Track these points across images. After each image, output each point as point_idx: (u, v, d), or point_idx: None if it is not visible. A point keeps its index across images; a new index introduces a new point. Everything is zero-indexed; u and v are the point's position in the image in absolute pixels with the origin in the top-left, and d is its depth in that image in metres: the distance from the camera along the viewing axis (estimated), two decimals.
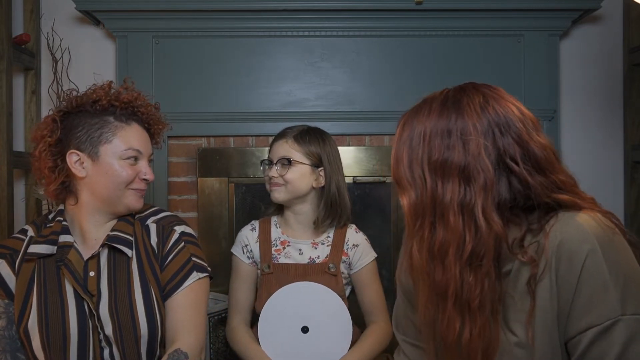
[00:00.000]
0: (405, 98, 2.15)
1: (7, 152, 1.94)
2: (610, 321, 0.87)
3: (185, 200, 2.18)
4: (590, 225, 0.90)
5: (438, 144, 0.95)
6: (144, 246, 1.31)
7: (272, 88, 2.17)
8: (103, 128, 1.27)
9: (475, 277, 0.91)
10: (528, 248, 0.93)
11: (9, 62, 1.96)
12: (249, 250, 1.59)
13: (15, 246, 1.31)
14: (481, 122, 0.93)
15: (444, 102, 0.98)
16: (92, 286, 1.25)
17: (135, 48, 2.13)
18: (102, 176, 1.27)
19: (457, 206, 0.92)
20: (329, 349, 1.46)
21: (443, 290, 0.93)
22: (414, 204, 0.96)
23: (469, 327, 0.92)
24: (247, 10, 2.10)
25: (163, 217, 1.37)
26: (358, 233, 1.62)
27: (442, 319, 0.94)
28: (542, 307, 0.92)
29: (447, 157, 0.93)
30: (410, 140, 0.98)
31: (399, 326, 1.17)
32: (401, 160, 0.99)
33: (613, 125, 2.26)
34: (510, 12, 2.12)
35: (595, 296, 0.88)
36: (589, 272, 0.88)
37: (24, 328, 1.23)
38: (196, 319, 1.29)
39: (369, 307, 1.57)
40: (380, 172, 2.17)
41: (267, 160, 1.61)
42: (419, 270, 0.95)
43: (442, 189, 0.93)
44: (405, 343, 1.15)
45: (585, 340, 0.89)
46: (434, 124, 0.96)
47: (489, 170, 0.91)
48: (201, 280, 1.31)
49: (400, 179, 0.99)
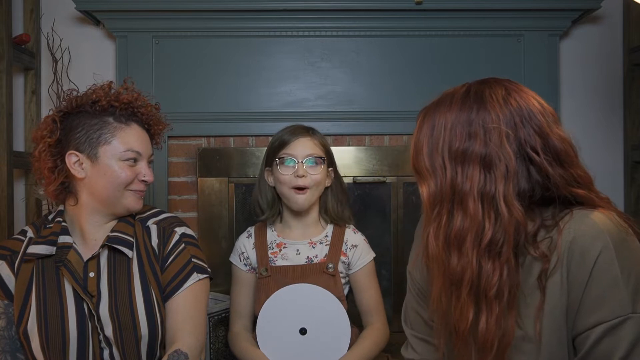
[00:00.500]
0: (405, 98, 2.17)
1: (7, 152, 1.94)
2: (619, 318, 0.87)
3: (185, 200, 2.18)
4: (605, 223, 0.91)
5: (459, 132, 0.95)
6: (144, 247, 1.31)
7: (272, 88, 2.17)
8: (102, 129, 1.27)
9: (494, 265, 0.91)
10: (540, 243, 0.93)
11: (9, 62, 1.96)
12: (246, 257, 1.58)
13: (14, 247, 1.30)
14: (503, 112, 0.94)
15: (466, 94, 0.99)
16: (92, 287, 1.25)
17: (135, 48, 2.13)
18: (101, 177, 1.26)
19: (477, 194, 0.92)
20: (327, 350, 1.45)
21: (458, 278, 0.93)
22: (433, 193, 0.97)
23: (485, 316, 0.92)
24: (247, 10, 2.10)
25: (164, 219, 1.37)
26: (356, 233, 1.61)
27: (456, 307, 0.94)
28: (551, 303, 0.92)
29: (468, 146, 0.94)
30: (432, 130, 0.99)
31: (408, 321, 1.17)
32: (421, 149, 0.99)
33: (613, 125, 2.26)
34: (510, 12, 2.12)
35: (605, 293, 0.88)
36: (601, 269, 0.89)
37: (23, 329, 1.23)
38: (196, 319, 1.29)
39: (367, 307, 1.56)
40: (380, 172, 2.16)
41: (289, 158, 1.48)
42: (435, 257, 0.96)
43: (462, 176, 0.94)
44: (414, 338, 1.15)
45: (594, 337, 0.89)
46: (456, 114, 0.97)
47: (510, 158, 0.92)
48: (201, 281, 1.31)
49: (420, 168, 0.99)
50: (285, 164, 1.49)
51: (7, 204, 1.94)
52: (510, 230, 0.91)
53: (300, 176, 1.47)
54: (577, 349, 0.93)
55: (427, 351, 1.13)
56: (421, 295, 1.13)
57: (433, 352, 1.12)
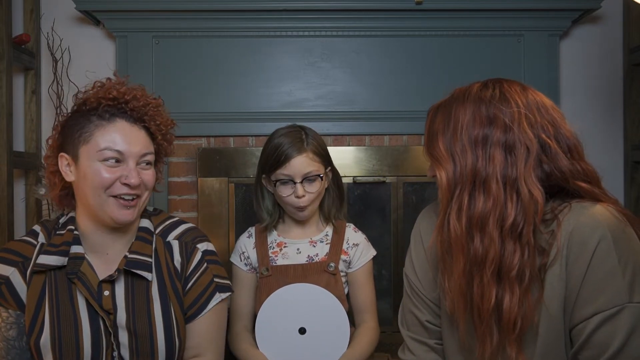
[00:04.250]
0: (405, 98, 2.18)
1: (7, 152, 1.94)
2: (616, 308, 0.88)
3: (185, 200, 2.18)
4: (603, 214, 0.92)
5: (479, 118, 0.97)
6: (167, 267, 1.25)
7: (272, 88, 2.17)
8: (83, 128, 1.17)
9: (515, 246, 0.93)
10: (539, 238, 0.94)
11: (9, 62, 1.96)
12: (246, 257, 1.58)
13: (26, 252, 1.23)
14: (522, 100, 0.97)
15: (483, 86, 1.01)
16: (107, 305, 1.20)
17: (135, 48, 2.13)
18: (82, 180, 1.17)
19: (500, 176, 0.94)
20: (326, 350, 1.45)
21: (481, 259, 0.94)
22: (451, 177, 0.97)
23: (508, 295, 0.93)
24: (247, 10, 2.10)
25: (184, 232, 1.30)
26: (357, 232, 1.61)
27: (478, 288, 0.95)
28: (550, 294, 0.93)
29: (489, 131, 0.96)
30: (448, 119, 1.00)
31: (404, 322, 1.18)
32: (436, 136, 1.01)
33: (613, 125, 2.26)
34: (510, 12, 2.13)
35: (603, 282, 0.89)
36: (599, 258, 0.90)
37: (34, 341, 1.19)
38: (218, 339, 1.30)
39: (363, 306, 1.56)
40: (380, 172, 2.16)
41: (286, 179, 1.47)
42: (457, 239, 0.96)
43: (483, 160, 0.95)
44: (411, 339, 1.15)
45: (590, 326, 0.90)
46: (475, 103, 0.99)
47: (531, 140, 0.94)
48: (223, 300, 1.30)
49: (436, 154, 1.00)
50: (284, 185, 1.49)
51: (7, 204, 1.94)
52: (531, 213, 0.92)
53: (299, 197, 1.47)
54: (573, 341, 0.94)
55: (423, 352, 1.13)
56: (417, 296, 1.14)
57: (429, 353, 1.13)
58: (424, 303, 1.13)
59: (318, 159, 1.50)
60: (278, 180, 1.49)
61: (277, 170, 1.48)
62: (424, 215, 1.20)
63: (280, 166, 1.47)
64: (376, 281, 1.62)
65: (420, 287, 1.13)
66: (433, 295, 1.12)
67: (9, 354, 1.20)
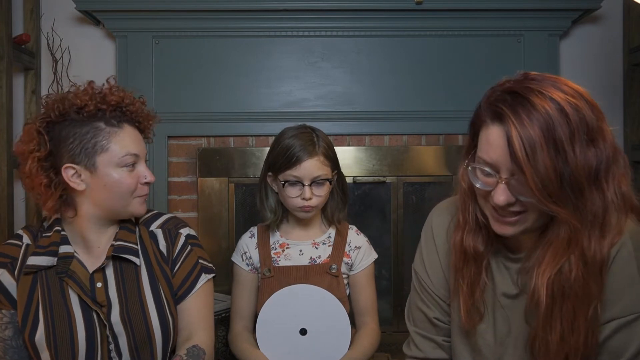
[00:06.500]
0: (405, 98, 2.17)
1: (7, 152, 1.94)
2: (633, 315, 0.88)
3: (185, 201, 2.18)
4: (625, 222, 0.91)
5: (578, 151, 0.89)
6: (153, 253, 1.30)
7: (272, 88, 2.16)
8: (96, 137, 1.20)
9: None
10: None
11: (9, 62, 1.96)
12: (248, 257, 1.58)
13: (12, 253, 1.26)
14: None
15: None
16: (100, 297, 1.22)
17: (135, 48, 2.13)
18: (102, 188, 1.21)
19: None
20: (327, 351, 1.45)
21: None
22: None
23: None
24: (247, 10, 2.10)
25: (166, 221, 1.35)
26: (359, 235, 1.61)
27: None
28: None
29: (586, 162, 0.88)
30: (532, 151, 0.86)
31: (411, 318, 1.18)
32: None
33: (613, 125, 2.24)
34: (510, 12, 2.12)
35: (621, 290, 0.89)
36: (619, 265, 0.90)
37: (29, 337, 1.20)
38: (208, 318, 1.33)
39: (364, 308, 1.56)
40: (380, 172, 2.17)
41: (295, 181, 1.47)
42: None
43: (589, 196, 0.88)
44: (417, 335, 1.15)
45: (606, 332, 0.90)
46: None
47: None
48: (209, 281, 1.34)
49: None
50: (292, 186, 1.49)
51: (7, 204, 1.94)
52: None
53: (307, 199, 1.47)
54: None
55: (431, 349, 1.13)
56: (426, 293, 1.13)
57: (437, 350, 1.13)
58: (434, 300, 1.12)
59: (328, 162, 1.49)
60: (287, 181, 1.49)
61: (287, 171, 1.47)
62: (437, 212, 1.17)
63: (290, 167, 1.46)
64: (376, 281, 1.62)
65: (431, 285, 1.12)
66: (443, 293, 1.11)
67: (7, 354, 1.22)
